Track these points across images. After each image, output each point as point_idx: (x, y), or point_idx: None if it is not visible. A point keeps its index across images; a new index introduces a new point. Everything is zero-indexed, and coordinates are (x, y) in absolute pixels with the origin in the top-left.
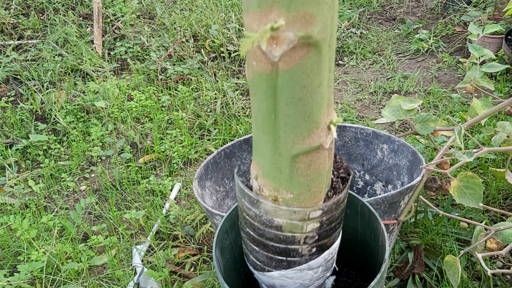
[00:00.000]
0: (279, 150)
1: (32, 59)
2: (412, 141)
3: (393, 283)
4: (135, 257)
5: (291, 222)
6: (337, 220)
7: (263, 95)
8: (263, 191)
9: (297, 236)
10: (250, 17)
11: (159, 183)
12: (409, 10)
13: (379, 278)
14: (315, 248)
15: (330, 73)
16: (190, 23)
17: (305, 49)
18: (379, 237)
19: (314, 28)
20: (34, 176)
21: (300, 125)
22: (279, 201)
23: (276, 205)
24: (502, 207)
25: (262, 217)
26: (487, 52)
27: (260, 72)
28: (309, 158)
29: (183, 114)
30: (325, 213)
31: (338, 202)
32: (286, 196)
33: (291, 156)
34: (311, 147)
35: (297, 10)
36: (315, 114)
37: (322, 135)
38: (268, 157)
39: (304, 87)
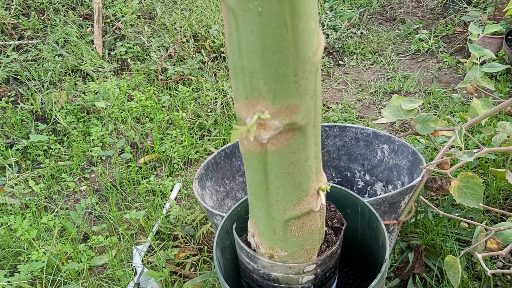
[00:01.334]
0: (272, 215)
1: (33, 59)
2: (413, 141)
3: (393, 283)
4: (135, 257)
5: (287, 276)
6: (332, 269)
7: (255, 169)
8: (260, 248)
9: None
10: (240, 105)
11: (159, 183)
12: (410, 10)
13: (379, 278)
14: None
15: (317, 146)
16: (191, 23)
17: (290, 133)
18: (380, 237)
19: (298, 116)
20: (34, 176)
21: (290, 195)
22: (274, 257)
23: (272, 261)
24: (503, 207)
25: (260, 271)
26: (488, 52)
27: (251, 150)
28: (301, 221)
29: (184, 114)
30: (319, 266)
31: (331, 254)
32: (281, 254)
33: (284, 220)
34: (302, 212)
35: (281, 102)
36: (304, 184)
37: (311, 201)
38: (263, 220)
39: (292, 163)
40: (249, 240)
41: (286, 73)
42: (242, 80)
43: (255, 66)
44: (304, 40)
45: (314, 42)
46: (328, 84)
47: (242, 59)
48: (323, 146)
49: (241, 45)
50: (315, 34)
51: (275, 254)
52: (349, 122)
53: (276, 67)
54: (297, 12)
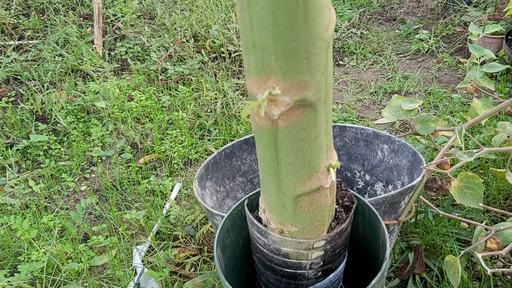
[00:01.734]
0: (282, 190)
1: (33, 60)
2: (413, 141)
3: (393, 283)
4: (136, 257)
5: (297, 251)
6: (341, 246)
7: (265, 145)
8: (270, 224)
9: (303, 262)
10: (251, 81)
11: (159, 183)
12: (410, 11)
13: (379, 277)
14: (320, 272)
15: (328, 123)
16: (191, 24)
17: (301, 109)
18: (380, 236)
19: (308, 92)
20: (34, 176)
21: (300, 171)
22: (284, 233)
23: (282, 237)
24: (503, 207)
25: (270, 246)
26: (488, 52)
27: (262, 126)
28: (311, 197)
29: (184, 115)
30: (329, 242)
31: (341, 231)
32: (291, 229)
33: (294, 196)
34: (312, 188)
35: (292, 78)
36: (314, 160)
37: (322, 177)
38: (273, 196)
39: (302, 139)
40: (260, 216)
41: (297, 48)
42: (254, 56)
43: (266, 41)
44: (315, 15)
45: (326, 18)
46: None
47: (253, 35)
48: None
49: (253, 21)
50: (326, 9)
51: (285, 229)
52: (349, 122)
53: (287, 43)
54: None
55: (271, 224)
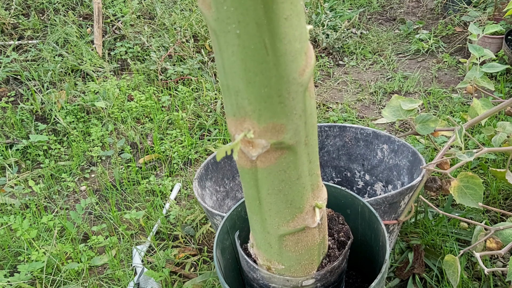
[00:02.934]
0: (267, 229)
1: (32, 59)
2: (412, 141)
3: (393, 283)
4: (135, 257)
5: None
6: (334, 284)
7: (247, 184)
8: (258, 259)
9: None
10: (229, 122)
11: (159, 183)
12: (409, 11)
13: (379, 279)
14: None
15: (312, 164)
16: (190, 23)
17: (279, 151)
18: (380, 237)
19: (285, 135)
20: (34, 176)
21: (283, 211)
22: (272, 270)
23: (270, 273)
24: (502, 207)
25: (259, 281)
26: (487, 52)
27: (242, 165)
28: (296, 237)
29: (183, 114)
30: (319, 280)
31: (332, 269)
32: (278, 267)
33: (278, 235)
34: (296, 229)
35: (267, 122)
36: (296, 201)
37: (307, 218)
38: (259, 233)
39: (283, 180)
40: (249, 250)
41: (270, 93)
42: (229, 98)
43: (238, 86)
44: (287, 61)
45: (300, 63)
46: (328, 84)
47: (227, 78)
48: (323, 146)
49: (225, 65)
50: (300, 54)
51: (272, 266)
52: (349, 122)
53: (259, 88)
54: (277, 35)
55: (259, 260)
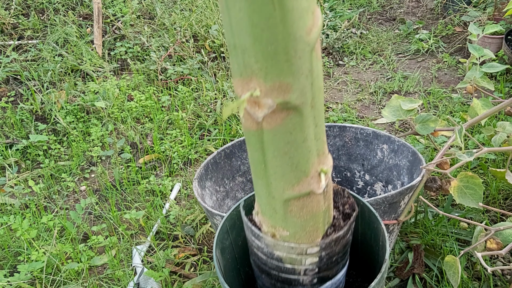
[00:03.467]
0: (272, 193)
1: (32, 59)
2: (412, 141)
3: (393, 283)
4: (135, 257)
5: (290, 256)
6: (339, 254)
7: (253, 147)
8: (263, 226)
9: (297, 268)
10: (236, 82)
11: (159, 183)
12: (409, 10)
13: (379, 279)
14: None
15: (318, 128)
16: (190, 23)
17: (285, 112)
18: (380, 237)
19: (291, 95)
20: (34, 176)
21: (288, 174)
22: (276, 236)
23: (274, 240)
24: (502, 207)
25: (264, 249)
26: (487, 52)
27: (248, 128)
28: (301, 202)
29: (183, 114)
30: (324, 249)
31: (337, 239)
32: (282, 233)
33: (283, 199)
34: (301, 193)
35: (273, 80)
36: (302, 164)
37: (312, 182)
38: (264, 198)
39: (288, 143)
40: (254, 218)
41: (277, 51)
42: (236, 57)
43: (245, 43)
44: (294, 18)
45: (307, 21)
46: (328, 84)
47: (234, 37)
48: None
49: (232, 23)
50: (308, 12)
51: (277, 233)
52: (349, 122)
53: (265, 45)
54: None
55: (264, 227)
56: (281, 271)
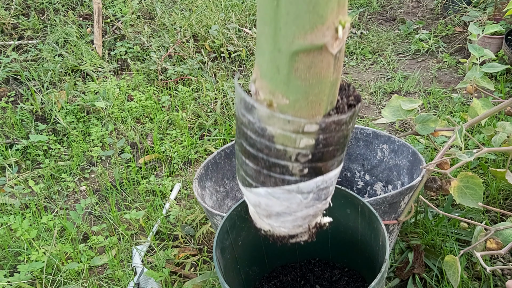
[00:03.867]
0: (278, 44)
1: (32, 60)
2: (412, 141)
3: (393, 283)
4: (135, 257)
5: (284, 133)
6: (336, 145)
7: None
8: (259, 94)
9: (288, 150)
10: None
11: (159, 183)
12: (409, 11)
13: (379, 278)
14: (307, 169)
15: None
16: (190, 24)
17: None
18: (380, 237)
19: None
20: (34, 176)
21: (303, 16)
22: (273, 106)
23: (270, 111)
24: (502, 207)
25: (255, 125)
26: (487, 52)
27: None
28: (310, 58)
29: (183, 115)
30: (322, 130)
31: (339, 122)
32: (281, 102)
33: (291, 53)
34: (313, 45)
35: None
36: (320, 5)
37: (327, 34)
38: (267, 54)
39: None
40: (249, 89)
41: None
42: None
43: None
44: None
45: None
46: None
47: None
48: None
49: None
50: None
51: (275, 101)
52: None
53: None
54: None
55: (260, 95)
56: (270, 154)
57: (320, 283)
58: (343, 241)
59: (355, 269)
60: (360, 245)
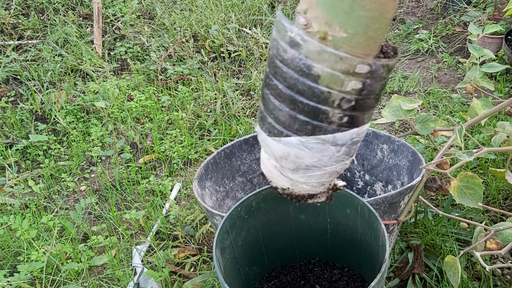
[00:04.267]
0: None
1: (32, 59)
2: (412, 141)
3: (393, 283)
4: (135, 257)
5: (332, 73)
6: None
7: None
8: (311, 26)
9: (333, 94)
10: None
11: (159, 183)
12: (409, 10)
13: (379, 278)
14: (346, 117)
15: None
16: (190, 23)
17: None
18: (379, 237)
19: None
20: (34, 176)
21: None
22: (327, 40)
23: (322, 45)
24: (502, 207)
25: (299, 62)
26: (487, 52)
27: None
28: None
29: (183, 114)
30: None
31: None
32: (337, 35)
33: None
34: None
35: None
36: None
37: None
38: None
39: None
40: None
41: None
42: None
43: None
44: None
45: None
46: None
47: None
48: None
49: None
50: None
51: (330, 33)
52: None
53: None
54: None
55: (313, 26)
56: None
57: (320, 283)
58: (343, 241)
59: (355, 269)
60: (360, 245)
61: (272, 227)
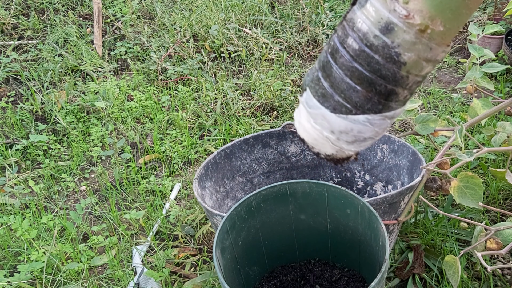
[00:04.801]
0: None
1: (32, 59)
2: (412, 141)
3: (393, 283)
4: (135, 257)
5: (417, 60)
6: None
7: None
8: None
9: (410, 78)
10: None
11: (159, 183)
12: None
13: (379, 278)
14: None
15: None
16: (190, 24)
17: None
18: (380, 237)
19: None
20: (34, 176)
21: None
22: (425, 32)
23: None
24: (502, 207)
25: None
26: (487, 52)
27: None
28: None
29: (183, 115)
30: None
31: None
32: (437, 28)
33: None
34: None
35: None
36: None
37: None
38: None
39: None
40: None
41: None
42: None
43: None
44: None
45: None
46: None
47: None
48: None
49: None
50: None
51: (432, 27)
52: None
53: None
54: None
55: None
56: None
57: (320, 283)
58: (343, 241)
59: (355, 269)
60: (360, 245)
61: (272, 227)
